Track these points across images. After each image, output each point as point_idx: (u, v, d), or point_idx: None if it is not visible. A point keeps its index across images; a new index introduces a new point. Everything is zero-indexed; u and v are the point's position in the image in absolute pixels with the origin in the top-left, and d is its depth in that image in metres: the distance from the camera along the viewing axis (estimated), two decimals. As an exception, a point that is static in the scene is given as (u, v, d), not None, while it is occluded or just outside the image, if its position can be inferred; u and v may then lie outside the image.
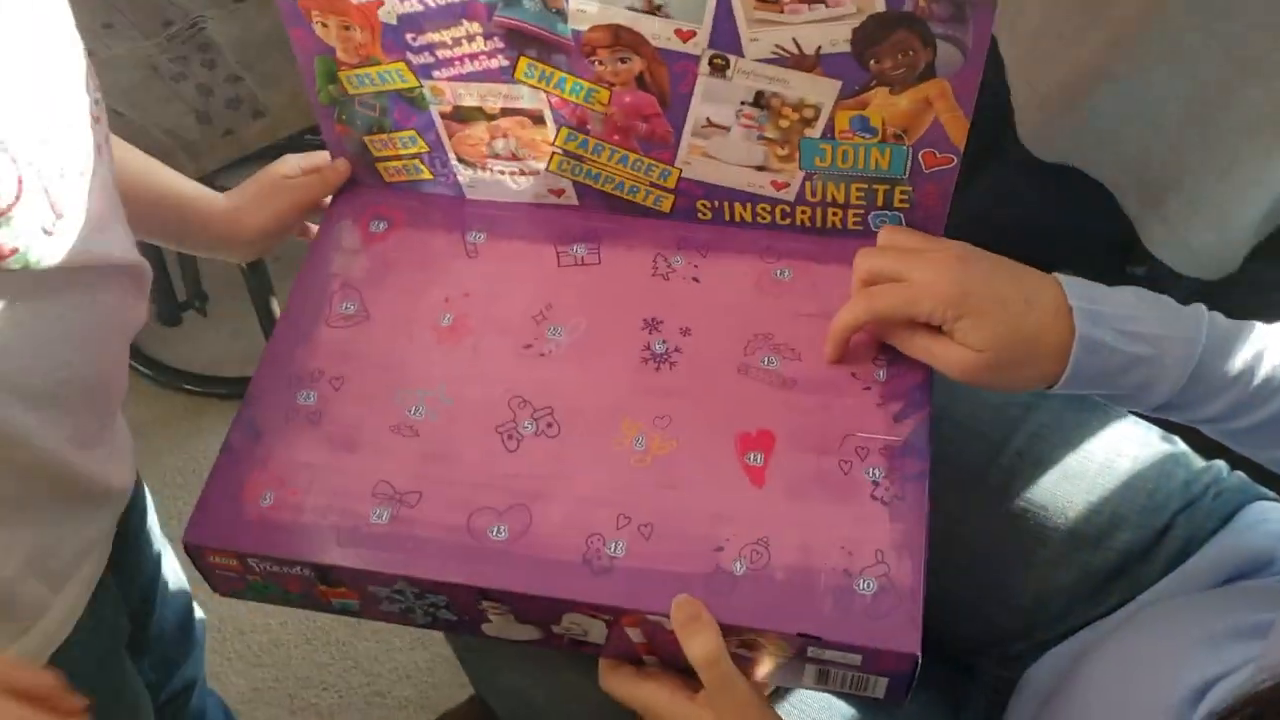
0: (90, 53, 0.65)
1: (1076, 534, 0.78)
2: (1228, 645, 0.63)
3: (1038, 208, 0.92)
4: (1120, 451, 0.81)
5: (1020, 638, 0.81)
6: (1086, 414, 0.83)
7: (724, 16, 0.65)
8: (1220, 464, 0.82)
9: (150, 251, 0.78)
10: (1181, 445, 0.83)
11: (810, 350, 0.76)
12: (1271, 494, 0.81)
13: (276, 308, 1.52)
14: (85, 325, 0.65)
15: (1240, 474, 0.82)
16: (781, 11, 0.64)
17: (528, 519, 0.70)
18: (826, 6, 0.63)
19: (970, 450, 0.79)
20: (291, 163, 0.86)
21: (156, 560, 0.91)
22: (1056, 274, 0.69)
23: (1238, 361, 0.65)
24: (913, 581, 0.67)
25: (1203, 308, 0.68)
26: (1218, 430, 0.69)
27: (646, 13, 0.66)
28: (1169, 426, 0.77)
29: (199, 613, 1.01)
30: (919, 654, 0.64)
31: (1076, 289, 0.67)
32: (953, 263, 0.68)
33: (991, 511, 0.80)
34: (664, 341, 0.77)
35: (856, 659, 0.66)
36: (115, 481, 0.73)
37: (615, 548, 0.69)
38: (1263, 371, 0.65)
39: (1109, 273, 0.95)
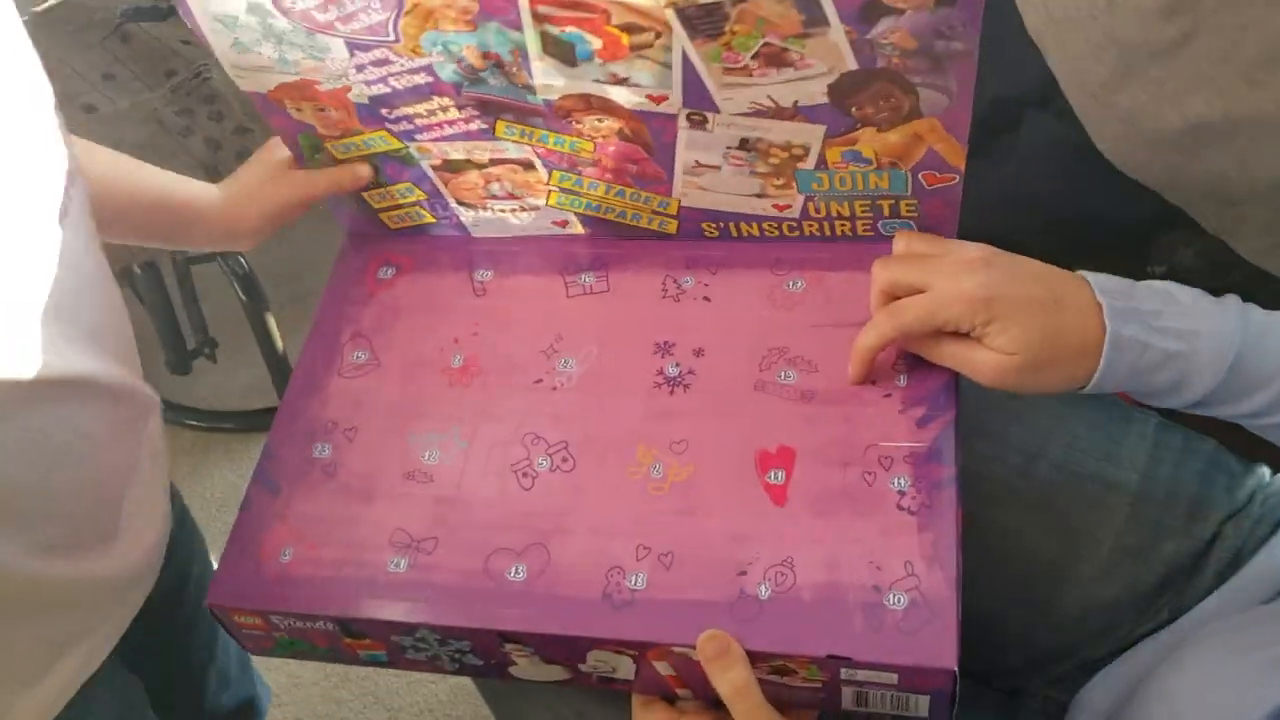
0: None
1: (1120, 547, 0.76)
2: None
3: (1053, 200, 0.88)
4: (1159, 459, 0.78)
5: (1067, 657, 0.79)
6: (1120, 421, 0.80)
7: (692, 82, 0.62)
8: (1263, 469, 0.79)
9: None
10: (1220, 450, 0.80)
11: (827, 361, 0.74)
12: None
13: (278, 338, 1.50)
14: (48, 451, 0.60)
15: None
16: (750, 75, 0.61)
17: (546, 557, 0.70)
18: (795, 69, 0.60)
19: (1004, 464, 0.77)
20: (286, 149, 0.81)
21: (207, 645, 0.88)
22: (1082, 272, 0.67)
23: (1276, 355, 0.63)
24: (945, 593, 0.64)
25: (1237, 299, 0.65)
26: (1257, 425, 0.67)
27: (613, 84, 0.64)
28: (1207, 425, 0.74)
29: (264, 685, 0.98)
30: (955, 668, 0.63)
31: (1106, 284, 0.65)
32: (976, 266, 0.65)
33: (1030, 527, 0.78)
34: (677, 364, 0.76)
35: (893, 678, 0.65)
36: (110, 573, 0.70)
37: (636, 580, 0.69)
38: None
39: (1128, 274, 0.91)
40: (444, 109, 0.69)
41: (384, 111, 0.70)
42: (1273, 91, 0.72)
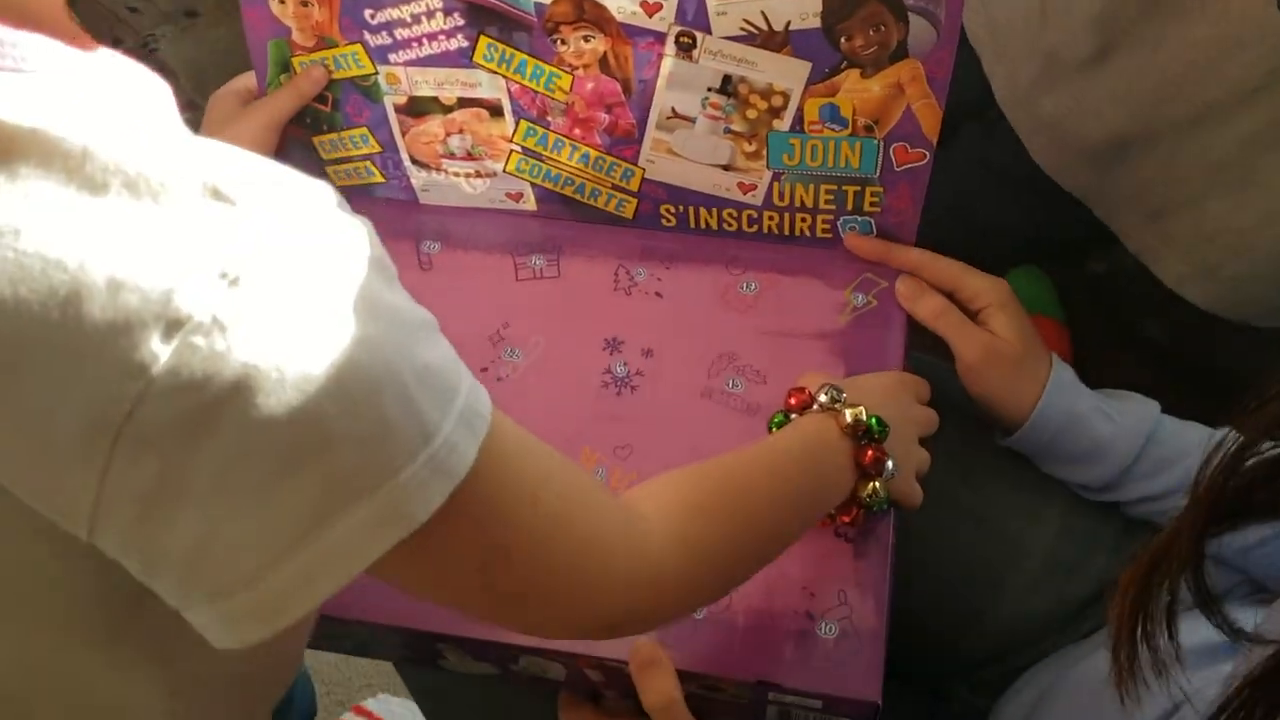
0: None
1: (1052, 560, 0.75)
2: (1198, 666, 0.60)
3: (987, 211, 0.91)
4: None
5: (992, 663, 0.77)
6: None
7: (691, -13, 0.63)
8: None
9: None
10: None
11: (775, 373, 0.72)
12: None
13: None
14: None
15: None
16: (750, -20, 0.62)
17: None
18: (796, -26, 0.61)
19: (940, 471, 0.75)
20: (243, 80, 0.78)
21: None
22: None
23: (1188, 442, 0.70)
24: (875, 623, 0.64)
25: (1156, 403, 0.74)
26: (1160, 511, 0.72)
27: (611, -18, 0.64)
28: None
29: None
30: (880, 702, 0.62)
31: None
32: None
33: (966, 534, 0.76)
34: (625, 364, 0.73)
35: (817, 704, 0.64)
36: None
37: None
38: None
39: (1068, 269, 0.93)
40: (430, 14, 0.68)
41: (367, 14, 0.69)
42: (1184, 106, 0.78)
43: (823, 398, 0.63)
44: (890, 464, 0.62)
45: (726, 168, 0.73)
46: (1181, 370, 1.08)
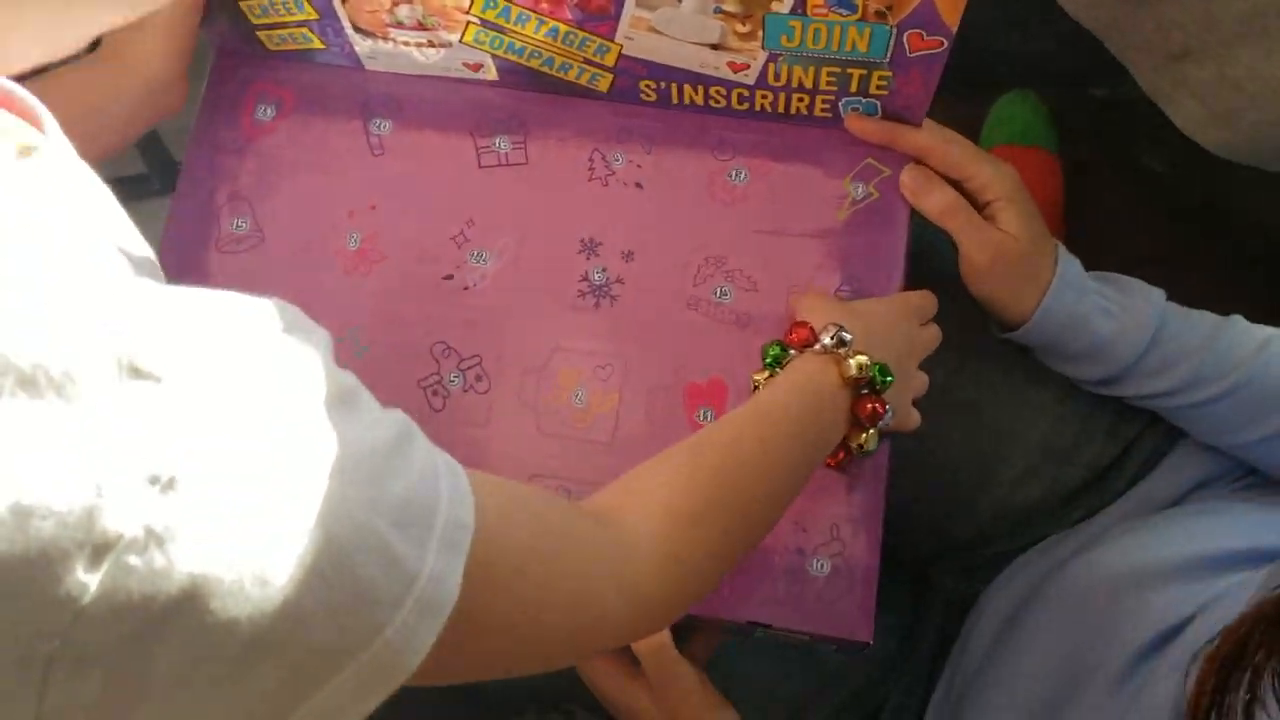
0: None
1: (1046, 447, 0.74)
2: (1206, 576, 0.62)
3: (996, 30, 0.85)
4: None
5: (980, 548, 0.77)
6: None
7: None
8: None
9: None
10: None
11: (767, 278, 0.67)
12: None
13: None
14: None
15: None
16: None
17: None
18: None
19: (934, 359, 0.72)
20: None
21: None
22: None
23: (1193, 337, 0.67)
24: (868, 560, 0.62)
25: (1161, 292, 0.70)
26: (1168, 406, 0.70)
27: None
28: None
29: None
30: (870, 640, 0.61)
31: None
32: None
33: (958, 427, 0.74)
34: (603, 270, 0.67)
35: (805, 637, 0.63)
36: None
37: None
38: (1215, 351, 0.66)
39: (1066, 94, 0.87)
40: (364, -125, 0.57)
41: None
42: None
43: (826, 340, 0.58)
44: (888, 415, 0.58)
45: (716, 46, 0.64)
46: (1179, 206, 1.03)
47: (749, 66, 0.65)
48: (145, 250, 0.42)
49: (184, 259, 0.67)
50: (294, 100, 0.70)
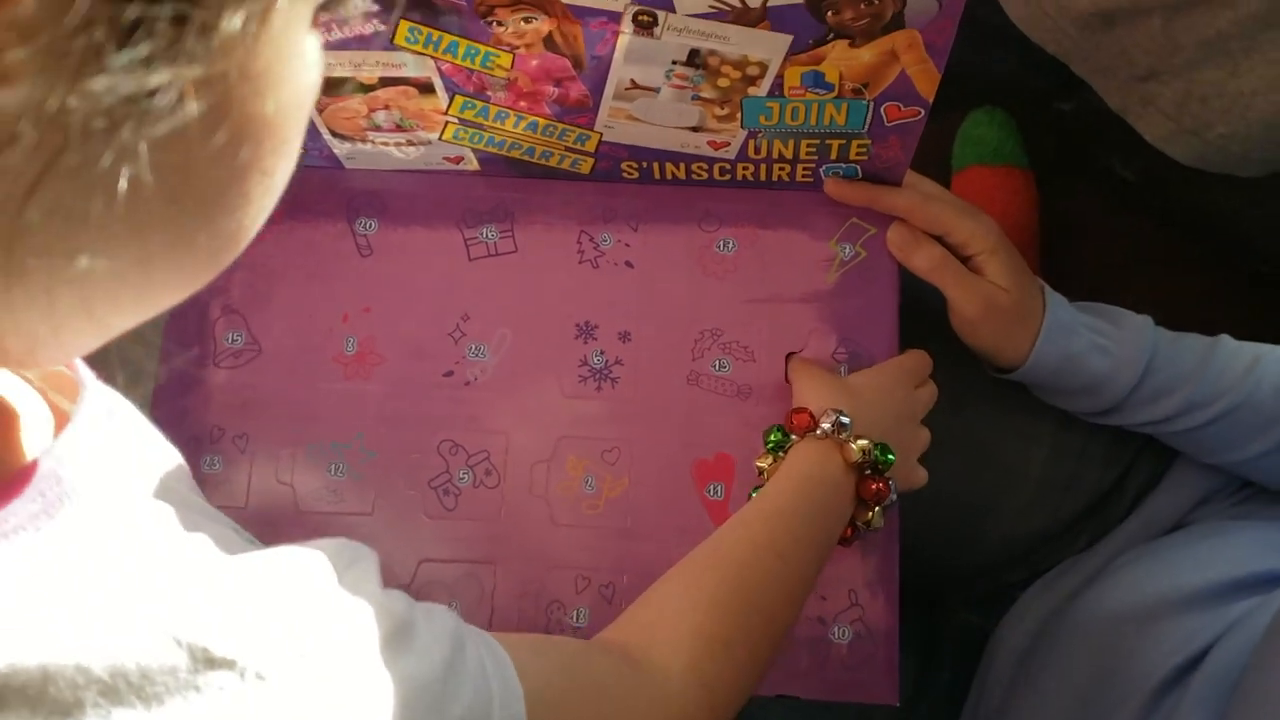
0: None
1: (1046, 478, 0.75)
2: (1218, 604, 0.63)
3: (959, 50, 0.87)
4: None
5: (988, 578, 0.78)
6: None
7: (650, -31, 0.53)
8: None
9: None
10: None
11: (764, 347, 0.67)
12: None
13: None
14: None
15: None
16: (721, -38, 0.52)
17: (478, 590, 0.64)
18: (776, -46, 0.51)
19: (936, 408, 0.73)
20: None
21: None
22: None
23: (1185, 365, 0.68)
24: (887, 622, 0.63)
25: (1149, 320, 0.70)
26: (1166, 432, 0.71)
27: (553, -33, 0.53)
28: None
29: None
30: (897, 703, 0.62)
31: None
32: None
33: (959, 466, 0.75)
34: (602, 353, 0.67)
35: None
36: None
37: (578, 616, 0.63)
38: (1207, 376, 0.67)
39: (1036, 108, 0.87)
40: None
41: None
42: None
43: (826, 425, 0.59)
44: (893, 493, 0.60)
45: (696, 129, 0.65)
46: (1153, 209, 1.04)
47: (729, 144, 0.66)
48: (201, 499, 0.42)
49: (183, 379, 0.67)
50: (278, 208, 0.70)
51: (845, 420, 0.59)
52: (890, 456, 0.59)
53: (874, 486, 0.59)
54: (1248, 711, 0.53)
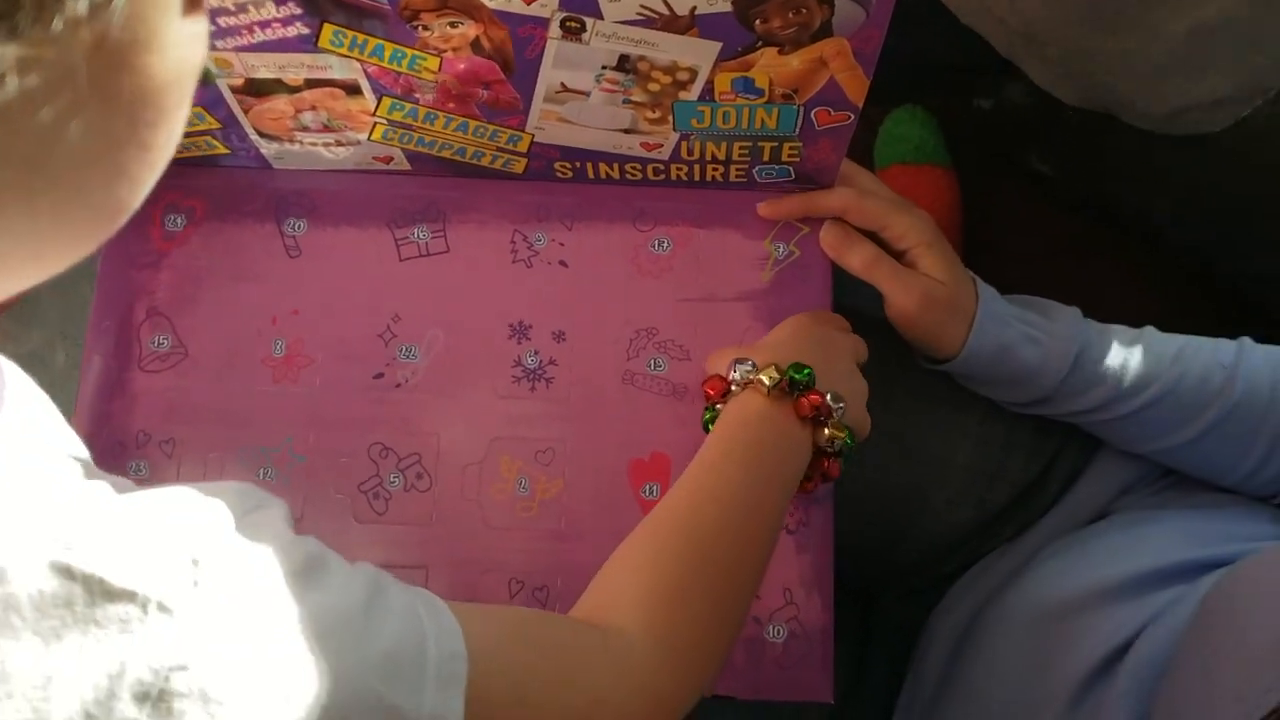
0: None
1: (972, 471, 0.76)
2: (1142, 595, 0.64)
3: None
4: None
5: (920, 571, 0.79)
6: None
7: (576, -25, 0.52)
8: None
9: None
10: None
11: (699, 346, 0.67)
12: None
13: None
14: None
15: None
16: (647, -29, 0.52)
17: None
18: (703, -36, 0.51)
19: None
20: None
21: None
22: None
23: (1113, 356, 0.69)
24: (823, 620, 0.64)
25: (1078, 311, 0.71)
26: (1093, 421, 0.72)
27: (478, -26, 0.53)
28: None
29: None
30: (833, 701, 0.63)
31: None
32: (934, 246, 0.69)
33: (888, 459, 0.76)
34: (536, 353, 0.67)
35: None
36: None
37: None
38: (1133, 366, 0.68)
39: (952, 106, 0.87)
40: (258, 3, 0.56)
41: None
42: None
43: (735, 375, 0.59)
44: (832, 401, 0.59)
45: (628, 130, 0.64)
46: (1071, 203, 1.05)
47: (662, 145, 0.65)
48: (83, 452, 0.42)
49: (108, 381, 0.66)
50: (204, 208, 0.69)
51: (748, 364, 0.59)
52: (805, 371, 0.58)
53: (806, 401, 0.58)
54: (1174, 701, 0.55)
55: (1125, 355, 0.70)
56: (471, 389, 0.67)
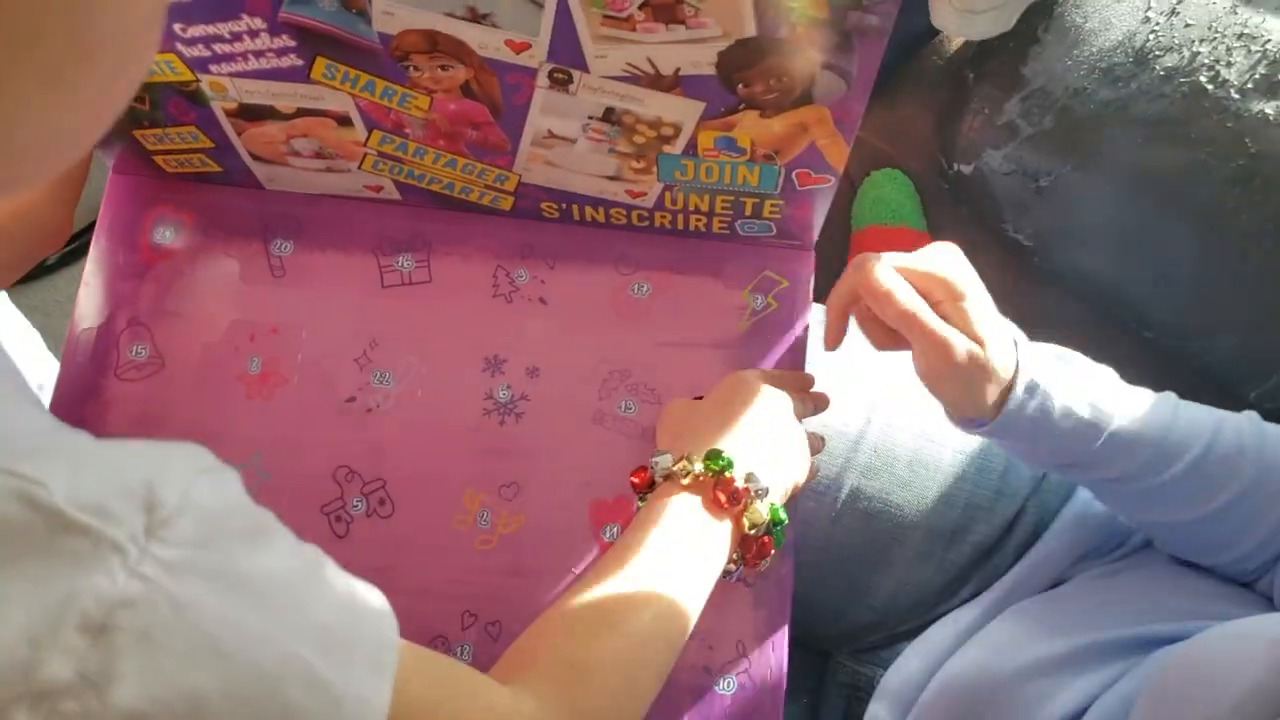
0: None
1: (933, 531, 0.76)
2: (1096, 665, 0.64)
3: None
4: (968, 436, 0.75)
5: (876, 629, 0.79)
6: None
7: (564, 31, 0.53)
8: None
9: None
10: None
11: (671, 391, 0.68)
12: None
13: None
14: None
15: None
16: (633, 30, 0.52)
17: None
18: (686, 28, 0.52)
19: (826, 452, 0.74)
20: None
21: None
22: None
23: (1146, 429, 0.64)
24: (774, 676, 0.64)
25: (1113, 374, 0.66)
26: (1108, 489, 0.68)
27: (469, 20, 0.54)
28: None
29: None
30: None
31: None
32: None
33: (847, 512, 0.76)
34: (508, 387, 0.68)
35: None
36: None
37: (462, 652, 0.63)
38: (1164, 441, 0.64)
39: (930, 172, 0.86)
40: (253, 34, 0.57)
41: (177, 27, 0.58)
42: None
43: (655, 469, 0.58)
44: (750, 483, 0.57)
45: (613, 178, 0.65)
46: (1045, 271, 1.06)
47: (646, 194, 0.66)
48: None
49: (83, 386, 0.67)
50: (194, 222, 0.70)
51: (666, 459, 0.58)
52: (721, 460, 0.56)
53: (720, 491, 0.56)
54: None
55: (1158, 429, 0.64)
56: (442, 419, 0.68)
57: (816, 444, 0.65)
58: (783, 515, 0.58)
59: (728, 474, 0.56)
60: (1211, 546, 0.69)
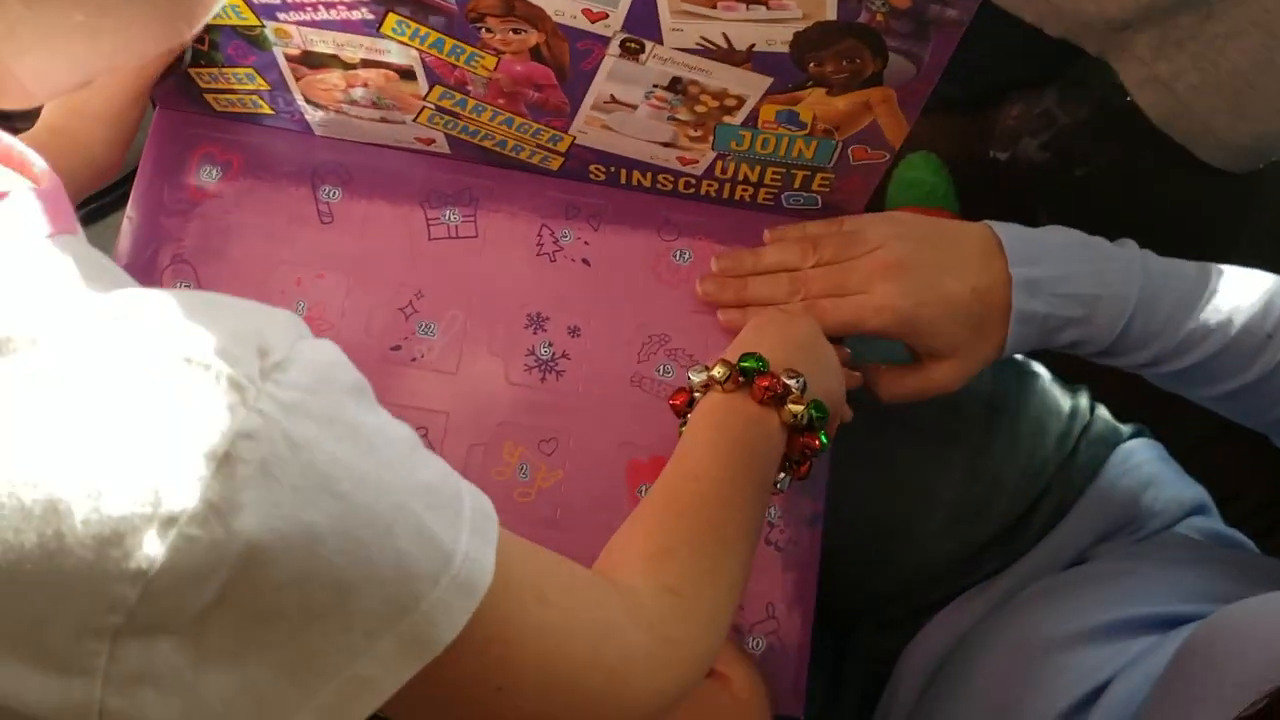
0: None
1: (958, 505, 0.77)
2: (1119, 640, 0.65)
3: None
4: (998, 408, 0.78)
5: (897, 601, 0.81)
6: None
7: (645, 2, 0.54)
8: (1085, 407, 0.81)
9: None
10: (1055, 387, 0.82)
11: (708, 358, 0.69)
12: (1133, 427, 0.82)
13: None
14: None
15: (1104, 415, 0.82)
16: (713, 6, 0.53)
17: None
18: (767, 8, 0.53)
19: (855, 423, 0.75)
20: None
21: None
22: (989, 224, 0.67)
23: (1164, 317, 0.65)
24: (801, 637, 0.66)
25: (1135, 248, 0.66)
26: (1152, 374, 0.69)
27: (550, -13, 0.54)
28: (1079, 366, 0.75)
29: None
30: (801, 716, 0.65)
31: (1015, 245, 0.65)
32: (892, 269, 0.64)
33: (874, 488, 0.78)
34: (550, 345, 0.69)
35: None
36: None
37: None
38: (1187, 324, 0.65)
39: (966, 158, 0.88)
40: (327, -15, 0.57)
41: (247, -25, 0.58)
42: None
43: (693, 381, 0.60)
44: (786, 378, 0.58)
45: (667, 144, 0.66)
46: None
47: (698, 161, 0.67)
48: None
49: None
50: (241, 164, 0.70)
51: (699, 370, 0.60)
52: (752, 359, 0.58)
53: (758, 386, 0.58)
54: None
55: (1180, 309, 0.65)
56: (484, 372, 0.69)
57: (854, 379, 0.68)
58: (815, 410, 0.59)
59: (764, 371, 0.58)
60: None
